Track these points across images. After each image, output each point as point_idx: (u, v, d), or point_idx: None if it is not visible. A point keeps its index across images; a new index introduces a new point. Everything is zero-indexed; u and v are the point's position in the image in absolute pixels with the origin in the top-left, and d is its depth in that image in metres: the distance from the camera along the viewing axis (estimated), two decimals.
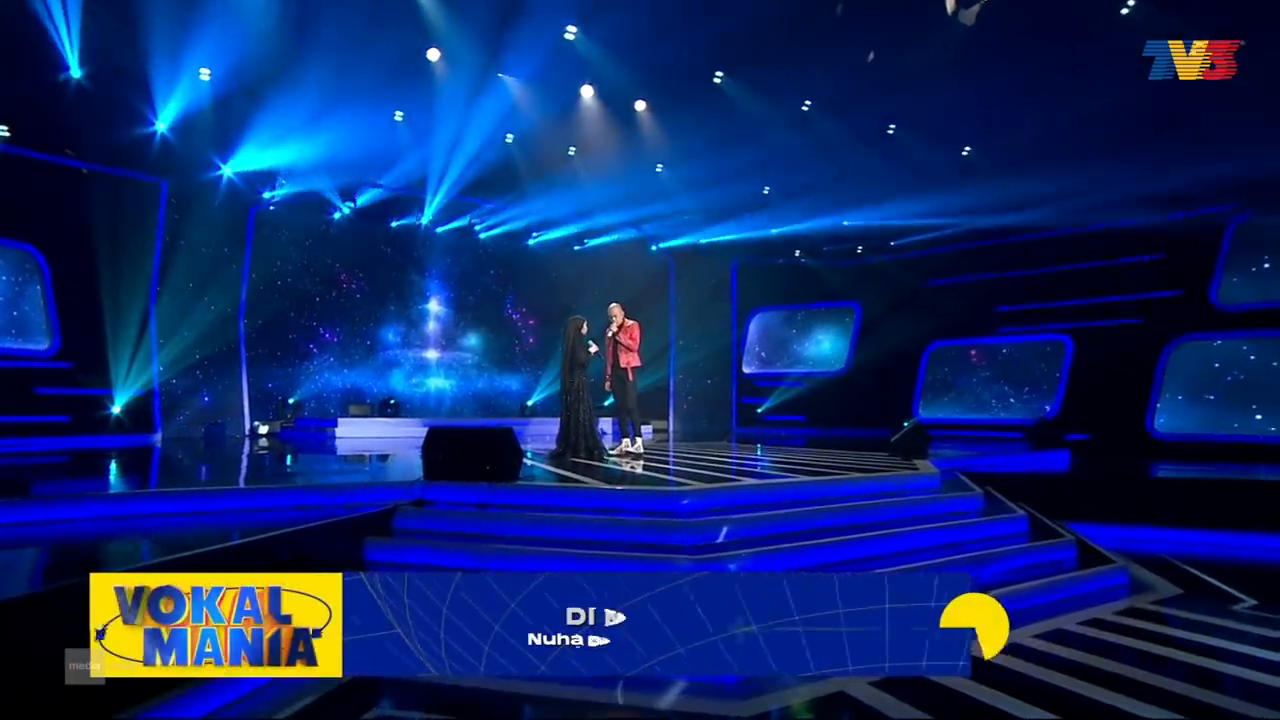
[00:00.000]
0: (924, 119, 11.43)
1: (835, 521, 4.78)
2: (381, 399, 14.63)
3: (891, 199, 13.37)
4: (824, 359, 16.10)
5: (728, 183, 13.43)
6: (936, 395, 14.42)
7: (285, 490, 5.22)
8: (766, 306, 16.67)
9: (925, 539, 4.72)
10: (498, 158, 12.74)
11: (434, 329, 15.56)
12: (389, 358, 14.99)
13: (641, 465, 6.60)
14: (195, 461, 7.78)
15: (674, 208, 14.39)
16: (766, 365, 16.63)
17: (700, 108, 11.45)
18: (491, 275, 15.79)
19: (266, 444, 10.58)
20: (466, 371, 15.68)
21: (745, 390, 16.48)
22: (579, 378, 7.10)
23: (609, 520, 4.45)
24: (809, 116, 11.77)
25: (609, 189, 13.62)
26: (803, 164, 12.65)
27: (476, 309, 15.65)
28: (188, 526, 4.26)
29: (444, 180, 13.19)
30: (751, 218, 14.72)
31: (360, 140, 11.62)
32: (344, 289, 14.46)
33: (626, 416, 7.61)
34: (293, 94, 9.98)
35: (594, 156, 12.83)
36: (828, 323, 16.23)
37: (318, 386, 14.23)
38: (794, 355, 16.46)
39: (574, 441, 7.10)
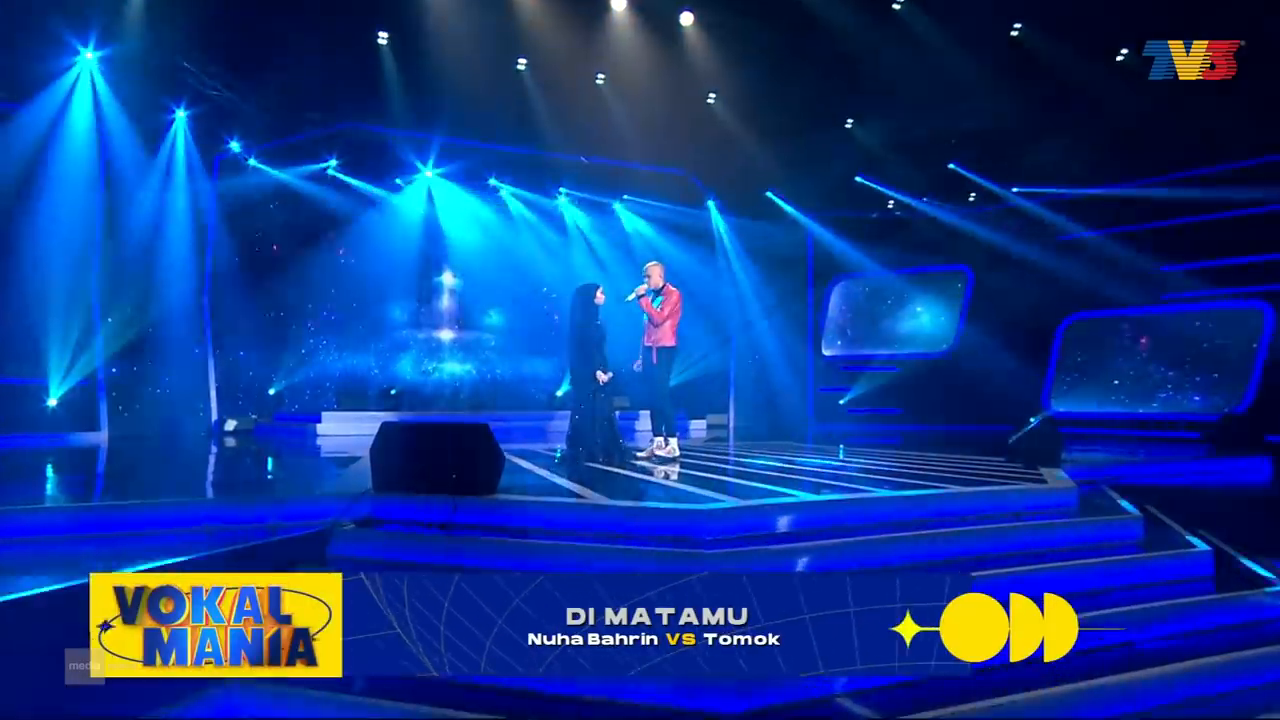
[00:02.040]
0: (1062, 11, 10.86)
1: (916, 554, 4.33)
2: (381, 389, 14.77)
3: (1014, 129, 12.83)
4: (925, 337, 16.09)
5: (798, 116, 13.43)
6: (1076, 382, 14.34)
7: (184, 507, 4.86)
8: (851, 272, 16.63)
9: (1051, 583, 4.08)
10: (508, 90, 12.81)
11: (448, 305, 15.85)
12: (395, 340, 15.26)
13: (676, 472, 6.42)
14: (97, 466, 7.77)
15: (732, 150, 14.42)
16: (851, 345, 16.75)
17: (763, 17, 11.42)
18: (514, 239, 16.04)
19: (234, 444, 10.66)
20: (487, 355, 16.00)
21: (824, 377, 16.57)
22: (592, 361, 6.97)
23: (604, 550, 4.10)
24: (903, 18, 11.59)
25: (649, 128, 13.63)
26: (895, 86, 12.42)
27: (498, 280, 15.96)
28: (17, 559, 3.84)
29: (439, 120, 13.30)
30: (830, 159, 14.60)
31: (340, 70, 11.74)
32: (337, 256, 14.66)
33: (656, 410, 7.45)
34: (256, 7, 10.06)
35: (629, 86, 12.91)
36: (930, 291, 16.16)
37: (309, 375, 14.49)
38: (886, 332, 16.48)
39: (588, 442, 7.00)
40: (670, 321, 7.17)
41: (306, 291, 14.47)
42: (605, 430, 7.06)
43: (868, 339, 16.52)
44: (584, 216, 16.51)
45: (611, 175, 15.26)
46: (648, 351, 7.21)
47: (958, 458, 7.89)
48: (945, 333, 15.77)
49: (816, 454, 8.73)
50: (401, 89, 12.58)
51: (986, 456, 7.75)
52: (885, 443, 10.77)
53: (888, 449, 9.48)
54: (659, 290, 7.21)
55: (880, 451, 9.14)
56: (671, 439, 7.40)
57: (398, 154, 14.26)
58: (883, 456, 8.39)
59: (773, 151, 14.39)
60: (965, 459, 7.70)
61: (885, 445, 10.24)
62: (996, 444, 8.02)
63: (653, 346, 7.20)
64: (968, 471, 6.60)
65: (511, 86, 12.79)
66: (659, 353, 7.21)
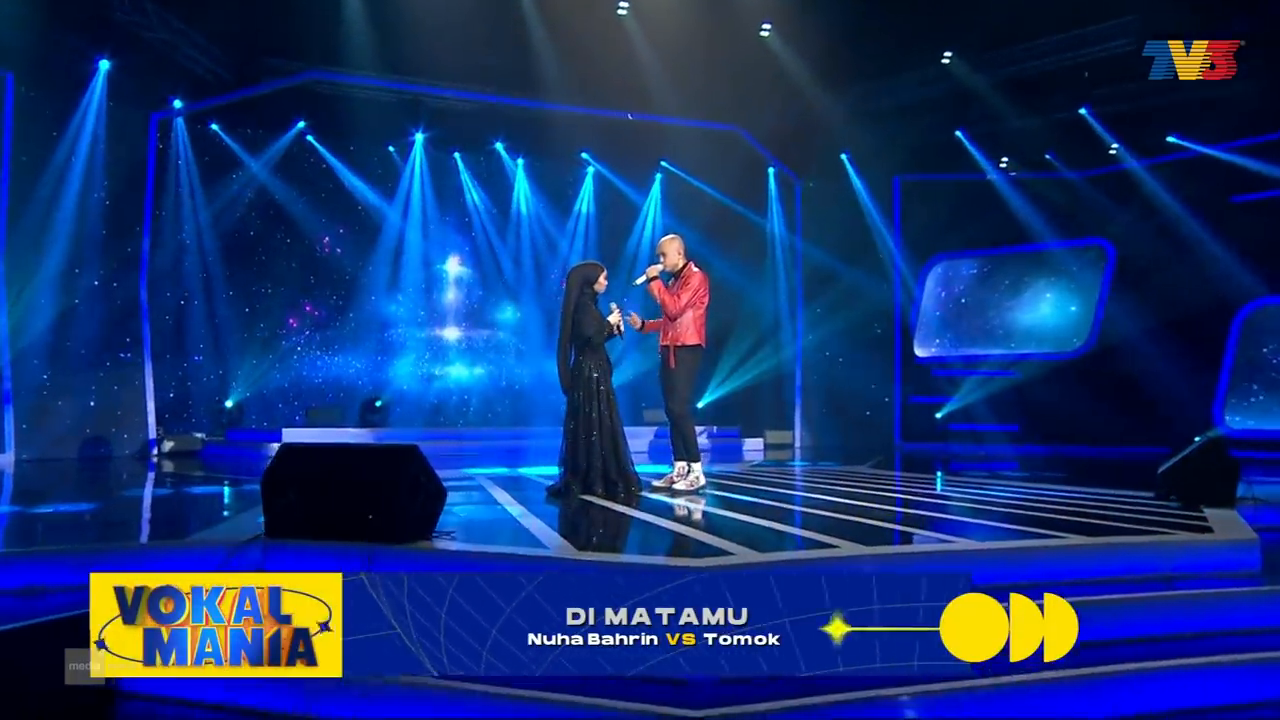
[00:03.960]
0: None
1: None
2: (366, 399, 15.12)
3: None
4: (1050, 333, 15.82)
5: (879, 50, 13.35)
6: (1260, 390, 13.89)
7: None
8: (953, 252, 16.44)
9: (1216, 688, 3.64)
10: (508, 28, 12.81)
11: (453, 299, 16.19)
12: (389, 341, 15.65)
13: (700, 508, 6.36)
14: None
15: (793, 99, 14.37)
16: (953, 345, 16.61)
17: None
18: (532, 218, 16.16)
19: (163, 468, 10.73)
20: (501, 359, 16.34)
21: (916, 384, 16.52)
22: (590, 363, 6.94)
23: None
24: None
25: (685, 73, 13.62)
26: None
27: (513, 270, 15.96)
28: None
29: (426, 68, 13.45)
30: (921, 107, 14.51)
31: (302, 7, 11.88)
32: (317, 241, 14.99)
33: (674, 429, 7.29)
34: None
35: (659, 19, 12.77)
36: (1057, 273, 15.89)
37: (281, 383, 14.84)
38: (999, 327, 16.28)
39: (584, 468, 6.89)
40: (693, 313, 7.00)
41: (279, 282, 14.63)
42: (609, 453, 6.90)
43: (974, 336, 16.44)
44: (612, 186, 16.68)
45: (646, 134, 15.31)
46: (665, 353, 7.09)
47: (1089, 492, 7.79)
48: (1078, 327, 15.58)
49: (904, 482, 8.85)
50: (379, 31, 12.63)
51: (1130, 492, 7.61)
52: (997, 469, 10.81)
53: (998, 477, 9.58)
54: (677, 272, 7.04)
55: (986, 480, 9.24)
56: (694, 465, 7.27)
57: (380, 113, 14.30)
58: (987, 485, 8.52)
59: (846, 98, 14.41)
60: (1099, 495, 7.57)
61: (999, 470, 10.33)
62: (1146, 474, 8.02)
63: (670, 346, 7.05)
64: (1100, 513, 6.29)
65: (511, 27, 12.86)
66: (678, 354, 7.04)
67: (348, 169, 14.92)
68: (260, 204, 14.29)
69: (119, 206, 12.51)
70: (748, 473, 9.83)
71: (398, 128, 14.82)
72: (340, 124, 14.30)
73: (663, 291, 6.98)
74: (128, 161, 12.52)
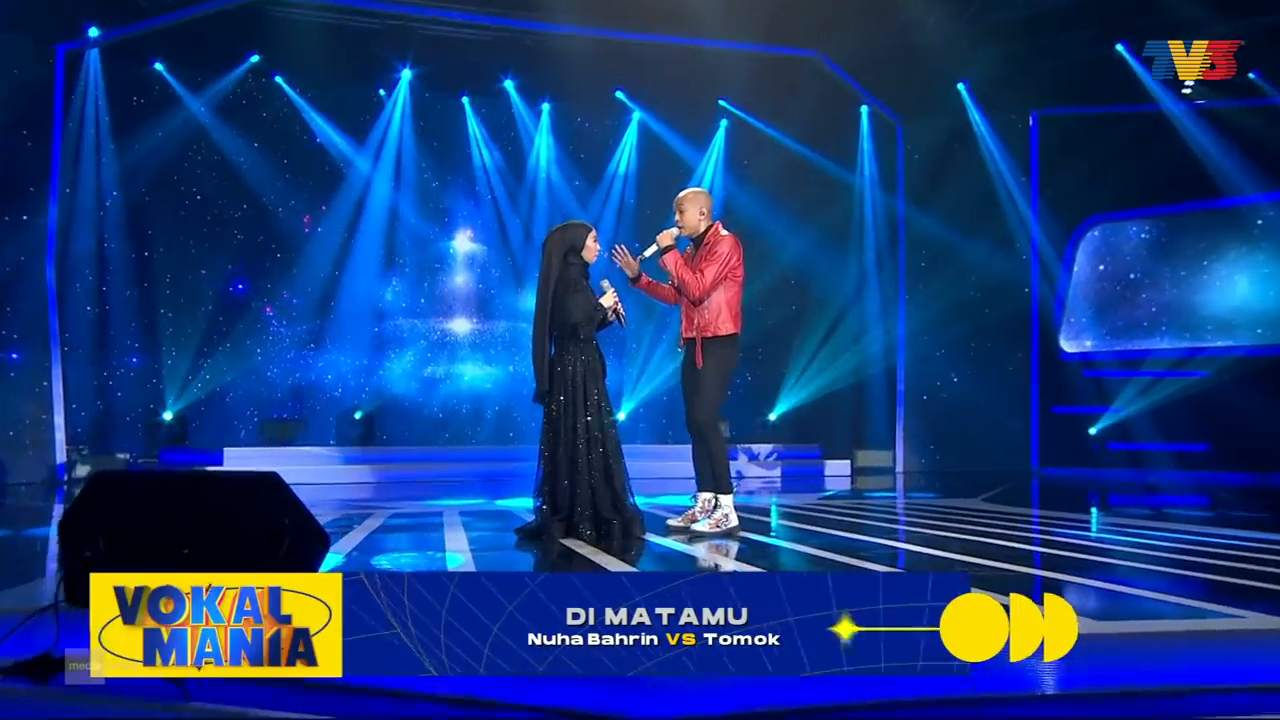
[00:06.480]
0: None
1: None
2: (345, 412, 15.58)
3: None
4: (1251, 319, 15.48)
5: None
6: None
7: None
8: (1112, 211, 16.21)
9: None
10: None
11: (458, 285, 16.50)
12: (377, 336, 15.97)
13: (731, 564, 6.07)
14: None
15: (888, 15, 14.34)
16: (1113, 337, 16.42)
17: None
18: (558, 183, 16.66)
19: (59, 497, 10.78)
20: (525, 358, 16.63)
21: (1059, 390, 16.40)
22: (574, 359, 6.86)
23: None
24: None
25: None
26: None
27: (530, 248, 16.21)
28: None
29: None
30: (1065, 19, 14.24)
31: None
32: (283, 210, 15.15)
33: (698, 447, 7.16)
34: None
35: None
36: (1261, 238, 15.43)
37: (240, 391, 15.09)
38: (1177, 313, 16.01)
39: (568, 504, 6.85)
40: (724, 293, 6.84)
41: (232, 261, 14.93)
42: (598, 479, 6.81)
43: (1143, 325, 16.13)
44: (656, 136, 16.84)
45: (697, 64, 15.18)
46: (689, 347, 6.98)
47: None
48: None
49: (1037, 527, 8.56)
50: None
51: None
52: (1180, 503, 10.84)
53: (1179, 515, 9.47)
54: (698, 238, 6.94)
55: (1161, 520, 9.10)
56: (724, 498, 6.98)
57: (352, 43, 14.36)
58: (1158, 525, 8.48)
59: (964, 7, 14.05)
60: None
61: (1181, 507, 10.33)
62: None
63: (695, 338, 6.88)
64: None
65: None
66: (707, 348, 6.86)
67: (319, 115, 15.05)
68: (207, 163, 14.38)
69: (9, 163, 12.45)
70: (818, 503, 9.86)
71: (378, 58, 14.88)
72: (306, 57, 14.28)
73: (681, 266, 6.79)
74: (24, 106, 12.51)
